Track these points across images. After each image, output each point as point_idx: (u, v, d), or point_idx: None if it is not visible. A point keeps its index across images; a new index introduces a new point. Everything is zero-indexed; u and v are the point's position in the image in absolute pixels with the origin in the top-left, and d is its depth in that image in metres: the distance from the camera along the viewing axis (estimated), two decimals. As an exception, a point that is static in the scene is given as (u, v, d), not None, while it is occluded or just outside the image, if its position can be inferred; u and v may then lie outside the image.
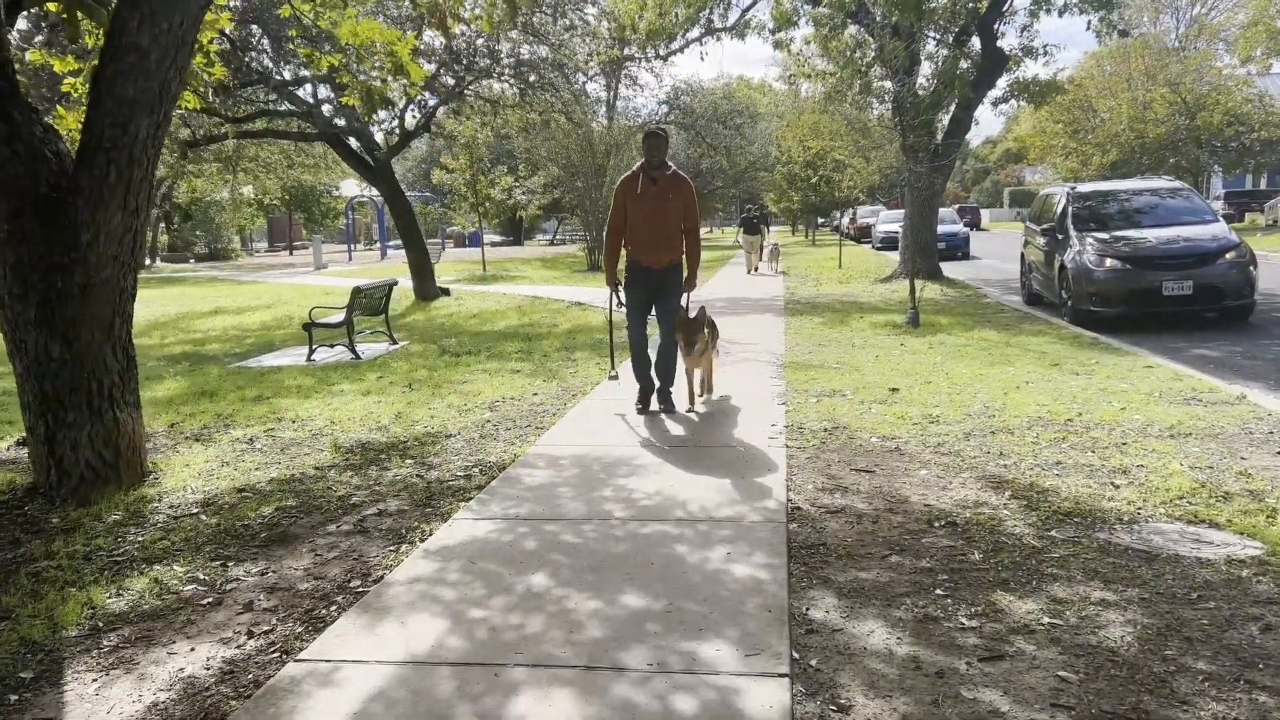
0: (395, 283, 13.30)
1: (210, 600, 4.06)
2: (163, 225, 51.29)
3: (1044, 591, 3.82)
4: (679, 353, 7.41)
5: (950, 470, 5.62)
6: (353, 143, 18.72)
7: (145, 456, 6.08)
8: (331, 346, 11.93)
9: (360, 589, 4.10)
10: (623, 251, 7.51)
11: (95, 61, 5.71)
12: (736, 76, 59.49)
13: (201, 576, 4.32)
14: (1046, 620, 3.55)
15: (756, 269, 24.56)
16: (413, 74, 9.06)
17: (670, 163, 7.48)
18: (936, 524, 4.67)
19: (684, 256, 7.40)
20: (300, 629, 3.72)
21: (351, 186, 53.29)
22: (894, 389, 8.02)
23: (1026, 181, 79.06)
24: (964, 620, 3.57)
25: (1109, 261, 12.37)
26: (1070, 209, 13.85)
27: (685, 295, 7.43)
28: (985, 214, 65.93)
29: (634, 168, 7.36)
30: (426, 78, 9.10)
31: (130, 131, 5.30)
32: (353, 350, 11.72)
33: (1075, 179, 40.28)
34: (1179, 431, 6.30)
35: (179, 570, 4.40)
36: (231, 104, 17.57)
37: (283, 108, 17.52)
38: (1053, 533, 4.51)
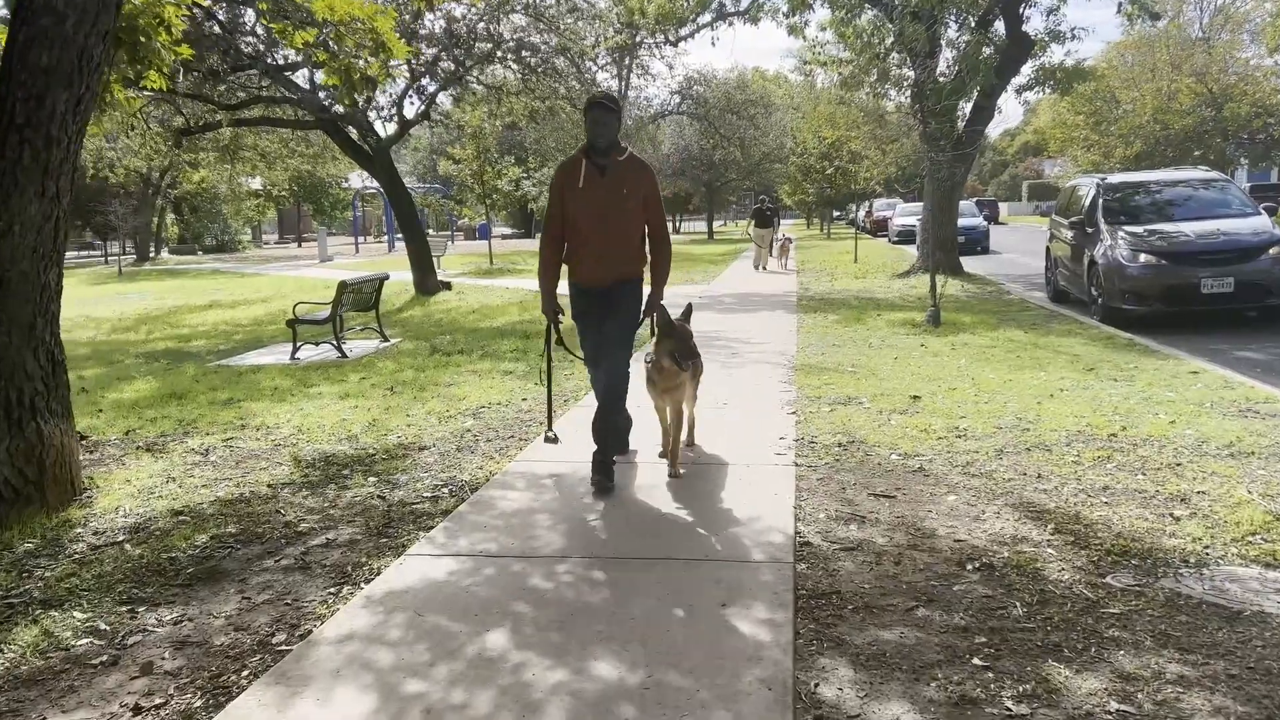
0: (386, 277, 12.66)
1: (104, 659, 3.41)
2: (172, 217, 50.98)
3: (1107, 662, 3.12)
4: (658, 385, 5.52)
5: (982, 496, 4.92)
6: (352, 132, 18.09)
7: (78, 473, 5.44)
8: (317, 344, 11.30)
9: (283, 646, 3.44)
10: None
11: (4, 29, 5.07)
12: (752, 68, 58.53)
13: (102, 627, 3.67)
14: (1115, 706, 2.86)
15: (766, 266, 22.79)
16: (395, 50, 8.40)
17: (627, 145, 5.36)
18: (969, 566, 3.98)
19: (646, 268, 5.39)
20: (198, 702, 3.07)
21: (361, 178, 52.80)
22: (915, 396, 7.32)
23: (1046, 175, 77.93)
24: (1010, 705, 2.88)
25: (1143, 257, 11.62)
26: (1100, 201, 13.08)
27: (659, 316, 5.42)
28: (1003, 207, 64.88)
29: (575, 152, 5.30)
30: (412, 55, 8.46)
31: (47, 106, 4.65)
32: (339, 348, 11.08)
33: (1097, 171, 39.37)
34: (1239, 450, 5.57)
35: (78, 618, 3.75)
36: (225, 90, 16.95)
37: (277, 94, 16.89)
38: (1108, 579, 3.82)
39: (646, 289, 5.42)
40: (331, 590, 3.97)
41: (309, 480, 5.68)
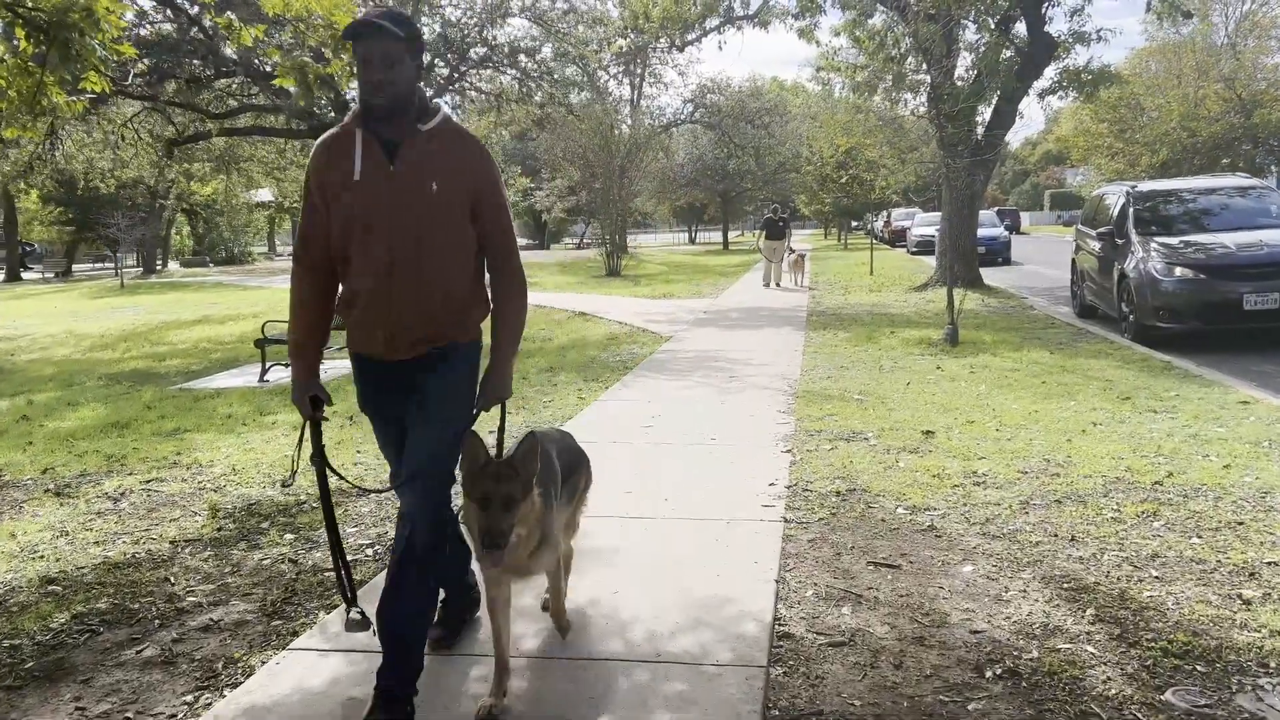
0: (366, 293, 11.91)
1: None
2: (188, 229, 50.67)
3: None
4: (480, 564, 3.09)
5: (1005, 565, 4.08)
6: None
7: (-53, 528, 4.70)
8: (288, 366, 10.53)
9: (94, 790, 2.65)
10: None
11: None
12: (770, 77, 57.87)
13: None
14: None
15: (779, 283, 20.63)
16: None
17: (441, 104, 3.29)
18: (989, 672, 3.15)
19: (484, 321, 3.16)
20: None
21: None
22: (928, 432, 6.47)
23: (1067, 184, 76.65)
24: None
25: (1179, 270, 10.72)
26: (1131, 210, 12.18)
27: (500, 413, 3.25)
28: (1025, 217, 63.70)
29: (347, 118, 3.03)
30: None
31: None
32: (310, 370, 10.32)
33: (1122, 180, 38.31)
34: (1311, 504, 4.71)
35: None
36: (213, 99, 16.34)
37: (267, 102, 16.23)
38: (1168, 696, 2.97)
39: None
40: (188, 699, 3.19)
41: (219, 536, 4.91)
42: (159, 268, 39.91)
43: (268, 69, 15.77)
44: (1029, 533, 4.47)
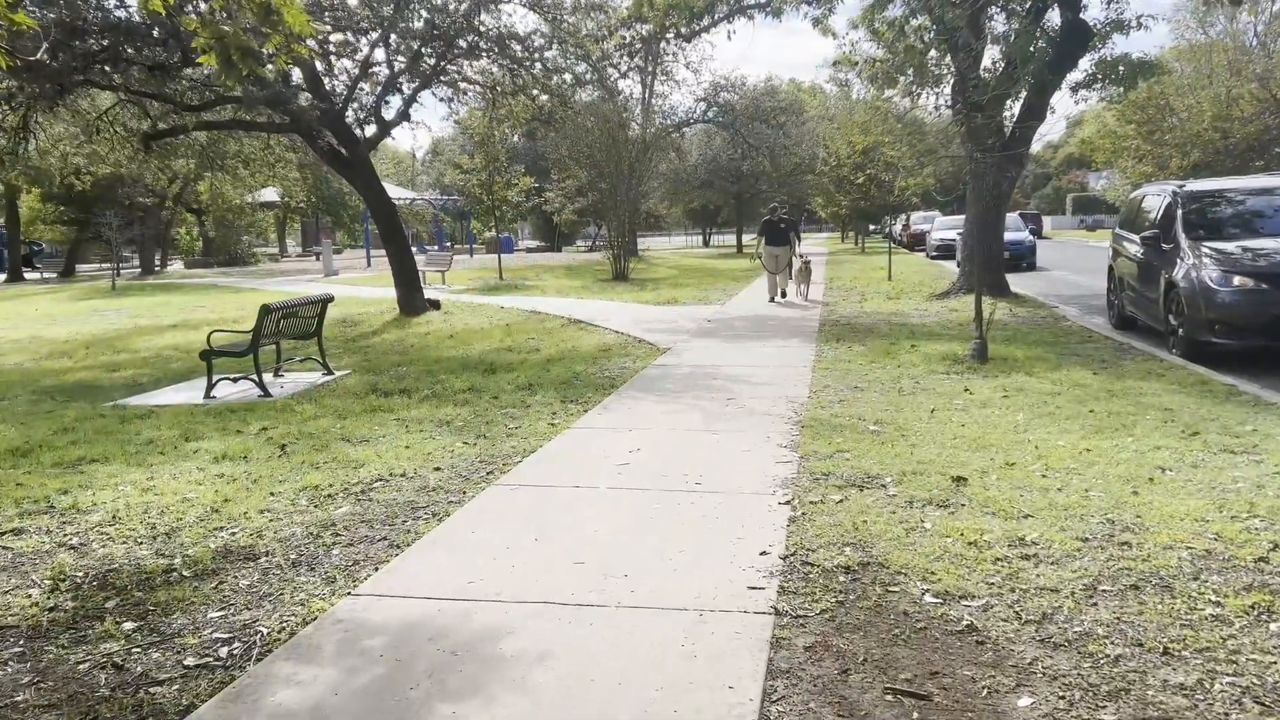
0: (330, 298, 10.84)
1: None
2: (197, 230, 49.79)
3: None
4: None
5: (1076, 697, 2.93)
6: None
7: None
8: (236, 380, 9.48)
9: None
10: None
11: None
12: (788, 79, 56.63)
13: None
14: None
15: (783, 294, 17.64)
16: (289, 18, 6.55)
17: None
18: None
19: None
20: None
21: (386, 188, 51.45)
22: (959, 478, 5.31)
23: (1090, 187, 75.09)
24: None
25: (1237, 279, 9.51)
26: (1180, 212, 10.96)
27: None
28: (1046, 221, 62.17)
29: None
30: (318, 35, 6.67)
31: None
32: (260, 385, 9.27)
33: (1149, 182, 36.86)
34: None
35: None
36: (188, 90, 15.31)
37: (237, 92, 15.17)
38: None
39: None
40: None
41: (44, 622, 3.81)
42: (158, 268, 38.99)
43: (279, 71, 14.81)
44: (1104, 639, 3.31)
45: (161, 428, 7.73)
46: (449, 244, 49.89)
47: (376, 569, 4.22)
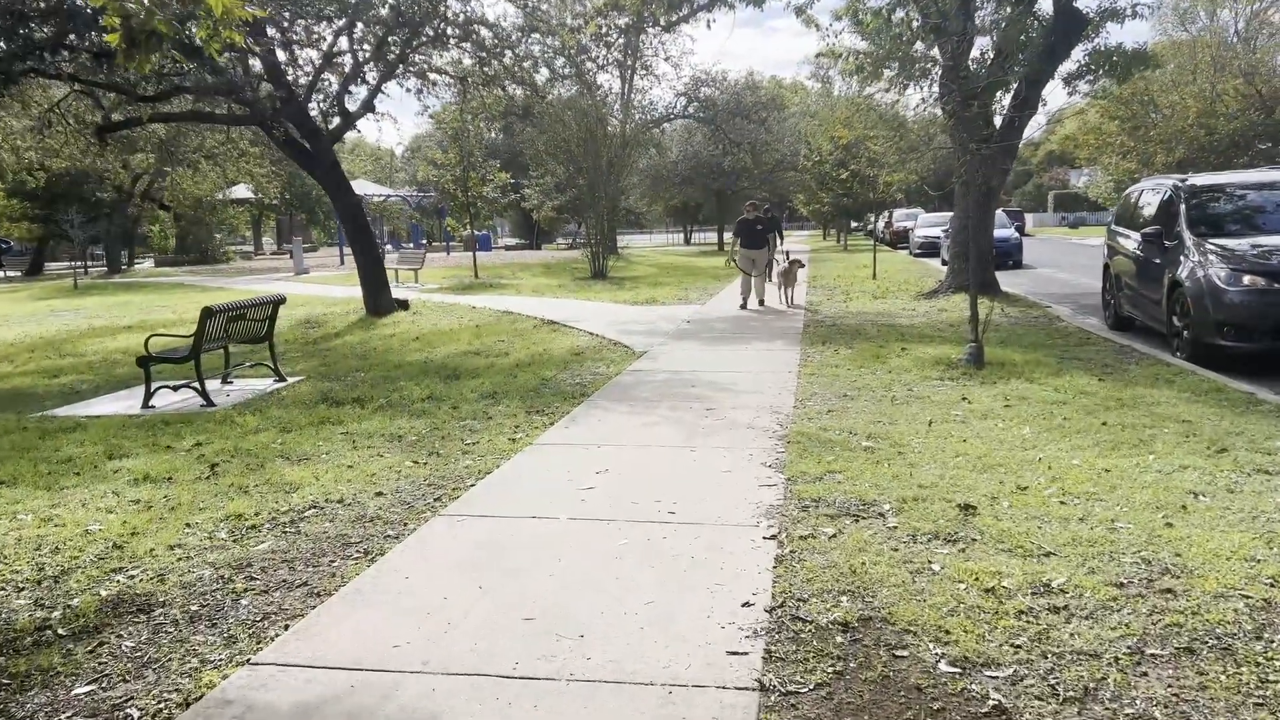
0: (281, 300, 10.13)
1: None
2: (170, 227, 48.67)
3: None
4: None
5: (1143, 816, 2.31)
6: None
7: None
8: (175, 389, 8.76)
9: None
10: None
11: None
12: (769, 77, 56.12)
13: None
14: None
15: (761, 301, 15.76)
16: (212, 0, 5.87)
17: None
18: None
19: None
20: None
21: (362, 185, 50.58)
22: (967, 506, 4.69)
23: (1072, 184, 75.02)
24: None
25: (1247, 279, 8.96)
26: (1183, 208, 10.41)
27: None
28: (1029, 218, 61.94)
29: None
30: (248, 17, 5.99)
31: None
32: (202, 394, 8.56)
33: (1132, 179, 36.55)
34: None
35: None
36: (140, 79, 14.50)
37: (190, 82, 14.39)
38: None
39: None
40: None
41: None
42: (125, 267, 37.97)
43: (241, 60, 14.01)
44: (1163, 725, 2.70)
45: (86, 443, 7.02)
46: (424, 242, 49.09)
47: (288, 626, 3.55)
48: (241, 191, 43.04)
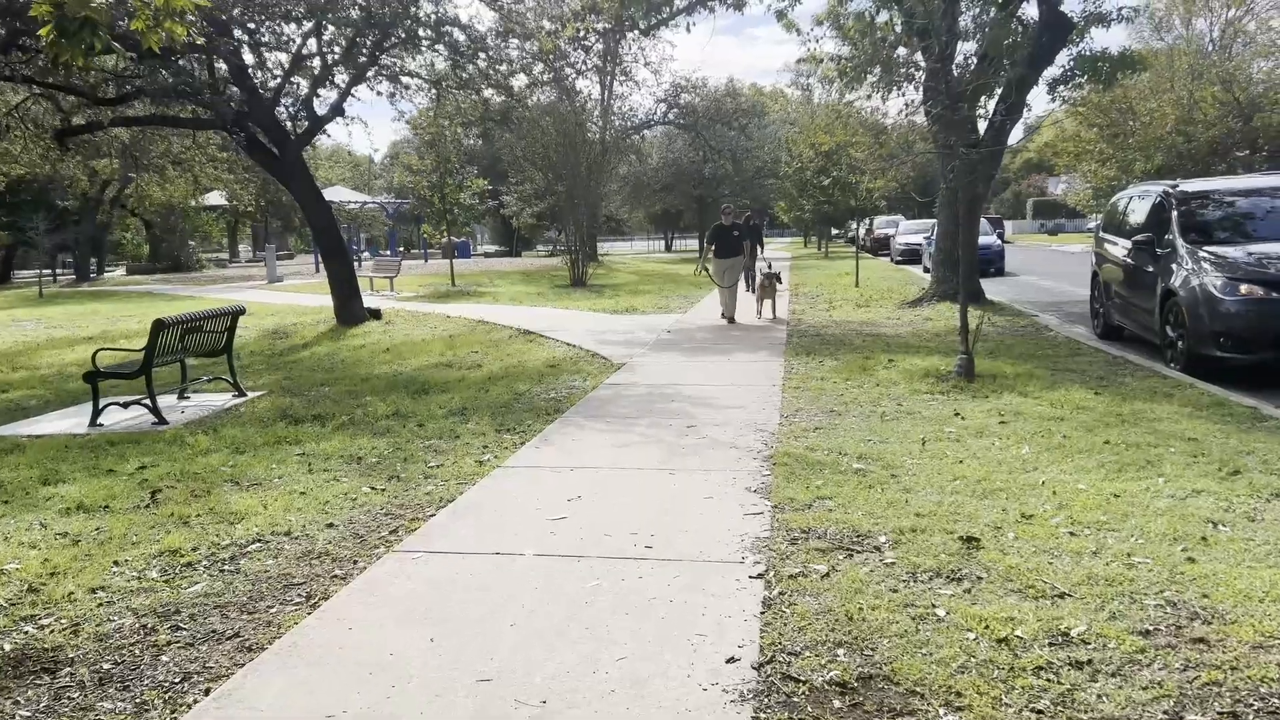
0: (241, 311, 9.66)
1: None
2: (144, 234, 47.80)
3: None
4: None
5: None
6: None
7: None
8: (126, 406, 8.28)
9: None
10: None
11: None
12: (750, 84, 55.87)
13: None
14: None
15: (732, 319, 14.23)
16: (157, -16, 5.49)
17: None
18: None
19: None
20: None
21: (339, 192, 49.97)
22: (969, 538, 4.31)
23: (1050, 192, 75.31)
24: None
25: (1244, 288, 8.67)
26: (1175, 215, 10.13)
27: None
28: (1008, 225, 62.06)
29: None
30: (191, 11, 5.61)
31: None
32: (154, 411, 8.09)
33: (1112, 187, 36.50)
34: None
35: None
36: (100, 82, 14.02)
37: (162, 85, 13.90)
38: None
39: None
40: None
41: None
42: (94, 275, 37.18)
43: (207, 61, 13.51)
44: (1218, 815, 2.31)
45: (22, 466, 6.55)
46: (401, 249, 48.49)
47: (209, 690, 3.12)
48: (216, 198, 42.35)
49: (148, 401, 8.13)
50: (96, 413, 8.12)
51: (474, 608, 3.69)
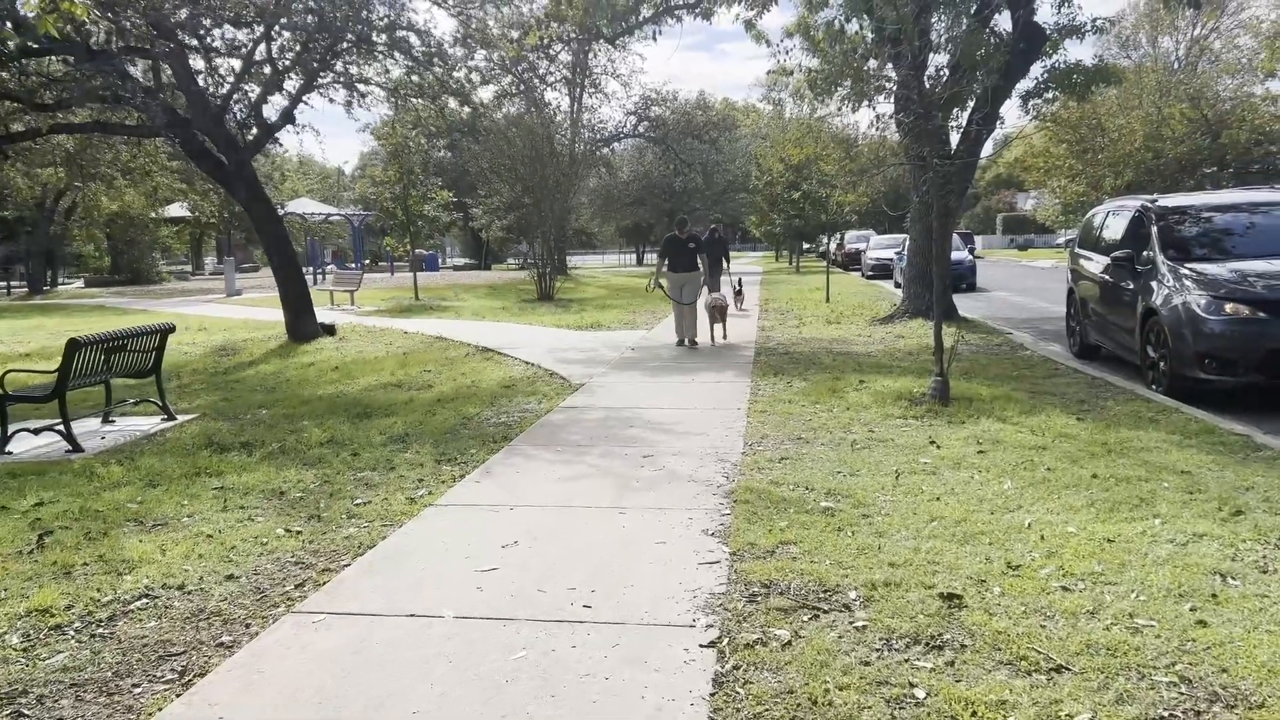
0: (170, 329, 9.03)
1: None
2: (104, 245, 46.71)
3: None
4: None
5: None
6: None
7: None
8: (37, 433, 7.63)
9: None
10: None
11: None
12: (721, 98, 55.71)
13: None
14: None
15: (694, 342, 13.10)
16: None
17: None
18: None
19: None
20: None
21: (305, 203, 49.12)
22: (951, 595, 3.81)
23: (1020, 207, 75.77)
24: None
25: (1230, 307, 8.28)
26: (1155, 231, 9.76)
27: None
28: (978, 240, 62.23)
29: None
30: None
31: None
32: (68, 438, 7.45)
33: (1083, 203, 36.55)
34: None
35: None
36: (33, 84, 13.35)
37: (106, 91, 13.24)
38: None
39: None
40: None
41: None
42: (47, 287, 36.15)
43: (153, 66, 12.86)
44: None
45: (-96, 502, 5.90)
46: (367, 261, 47.71)
47: (31, 807, 2.55)
48: (178, 210, 41.43)
49: (61, 428, 7.49)
50: (4, 440, 7.48)
51: (374, 688, 3.13)
